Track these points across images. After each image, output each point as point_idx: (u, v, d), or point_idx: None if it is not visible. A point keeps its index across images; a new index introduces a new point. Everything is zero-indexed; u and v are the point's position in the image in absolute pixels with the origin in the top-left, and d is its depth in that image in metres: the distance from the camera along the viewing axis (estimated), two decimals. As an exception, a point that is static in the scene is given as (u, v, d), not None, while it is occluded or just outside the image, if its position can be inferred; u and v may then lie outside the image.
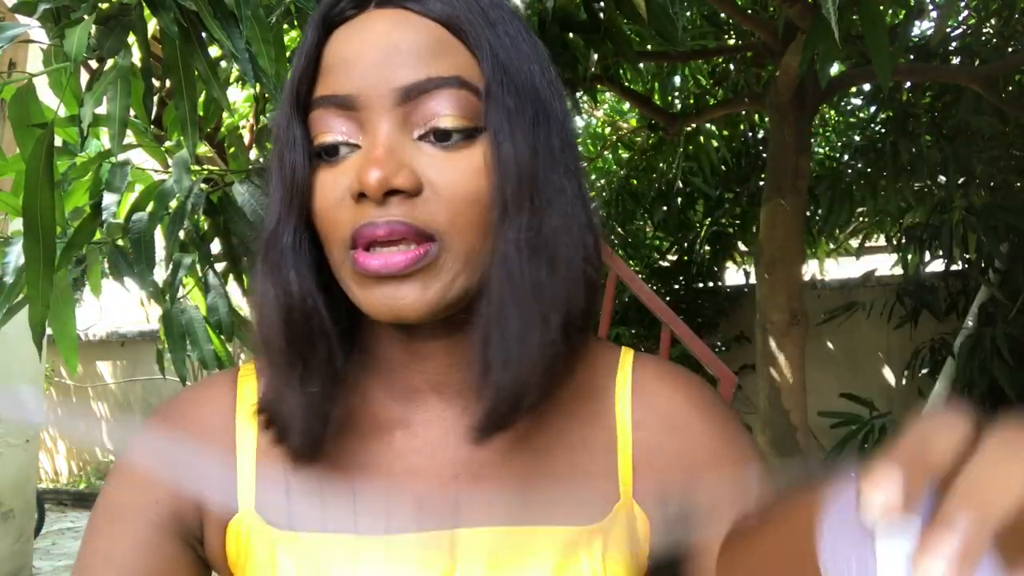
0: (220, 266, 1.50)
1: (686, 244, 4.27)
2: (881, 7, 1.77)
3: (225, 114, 2.32)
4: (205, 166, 1.86)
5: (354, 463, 0.51)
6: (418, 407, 0.53)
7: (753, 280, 3.45)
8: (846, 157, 3.88)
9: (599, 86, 2.60)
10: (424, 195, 0.45)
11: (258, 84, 1.07)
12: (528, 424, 0.50)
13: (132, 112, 1.15)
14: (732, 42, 3.20)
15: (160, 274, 1.38)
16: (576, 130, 0.53)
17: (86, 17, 0.96)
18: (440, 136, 0.46)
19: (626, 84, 3.08)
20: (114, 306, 5.87)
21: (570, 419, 0.53)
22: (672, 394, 0.54)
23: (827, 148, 4.33)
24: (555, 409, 0.52)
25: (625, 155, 4.34)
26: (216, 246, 1.48)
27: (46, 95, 1.20)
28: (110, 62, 1.05)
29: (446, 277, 0.46)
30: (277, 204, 0.49)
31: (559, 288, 0.47)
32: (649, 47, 2.83)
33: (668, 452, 0.52)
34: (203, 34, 1.08)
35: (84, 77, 1.32)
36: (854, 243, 4.57)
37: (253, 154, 1.96)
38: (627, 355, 0.56)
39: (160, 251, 1.35)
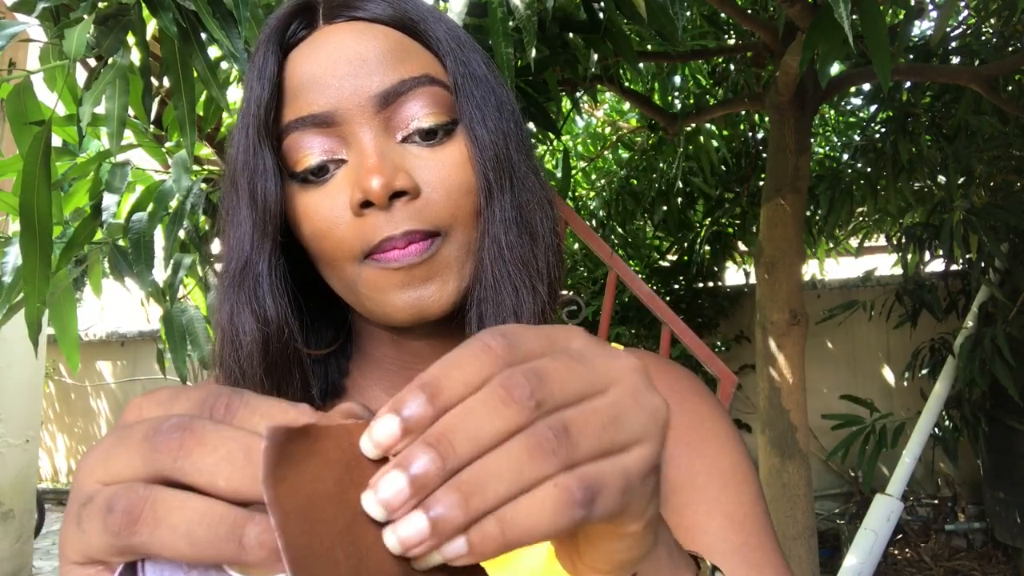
0: (220, 266, 1.49)
1: (686, 244, 4.27)
2: (881, 7, 1.77)
3: (225, 114, 2.32)
4: (205, 166, 1.86)
5: None
6: None
7: (753, 280, 3.45)
8: (846, 157, 3.88)
9: (599, 86, 2.60)
10: (424, 196, 0.46)
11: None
12: None
13: (131, 112, 1.15)
14: (732, 42, 3.20)
15: (160, 274, 1.38)
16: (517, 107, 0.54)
17: (85, 17, 0.96)
18: (425, 136, 0.47)
19: (626, 84, 3.08)
20: (114, 306, 5.87)
21: None
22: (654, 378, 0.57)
23: (827, 148, 4.33)
24: None
25: (625, 155, 4.33)
26: (216, 246, 1.48)
27: (45, 94, 1.20)
28: (109, 61, 1.05)
29: (457, 267, 0.48)
30: (249, 231, 0.48)
31: (542, 259, 0.50)
32: (649, 47, 2.83)
33: None
34: (202, 34, 1.08)
35: (82, 76, 1.31)
36: (854, 243, 4.57)
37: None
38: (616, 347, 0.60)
39: (160, 251, 1.35)
